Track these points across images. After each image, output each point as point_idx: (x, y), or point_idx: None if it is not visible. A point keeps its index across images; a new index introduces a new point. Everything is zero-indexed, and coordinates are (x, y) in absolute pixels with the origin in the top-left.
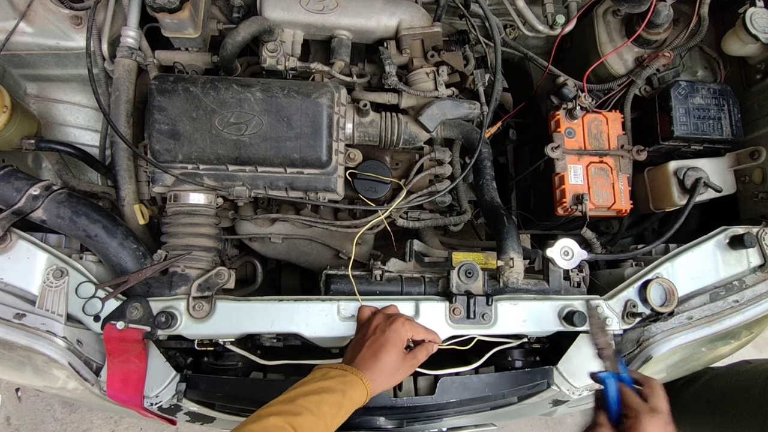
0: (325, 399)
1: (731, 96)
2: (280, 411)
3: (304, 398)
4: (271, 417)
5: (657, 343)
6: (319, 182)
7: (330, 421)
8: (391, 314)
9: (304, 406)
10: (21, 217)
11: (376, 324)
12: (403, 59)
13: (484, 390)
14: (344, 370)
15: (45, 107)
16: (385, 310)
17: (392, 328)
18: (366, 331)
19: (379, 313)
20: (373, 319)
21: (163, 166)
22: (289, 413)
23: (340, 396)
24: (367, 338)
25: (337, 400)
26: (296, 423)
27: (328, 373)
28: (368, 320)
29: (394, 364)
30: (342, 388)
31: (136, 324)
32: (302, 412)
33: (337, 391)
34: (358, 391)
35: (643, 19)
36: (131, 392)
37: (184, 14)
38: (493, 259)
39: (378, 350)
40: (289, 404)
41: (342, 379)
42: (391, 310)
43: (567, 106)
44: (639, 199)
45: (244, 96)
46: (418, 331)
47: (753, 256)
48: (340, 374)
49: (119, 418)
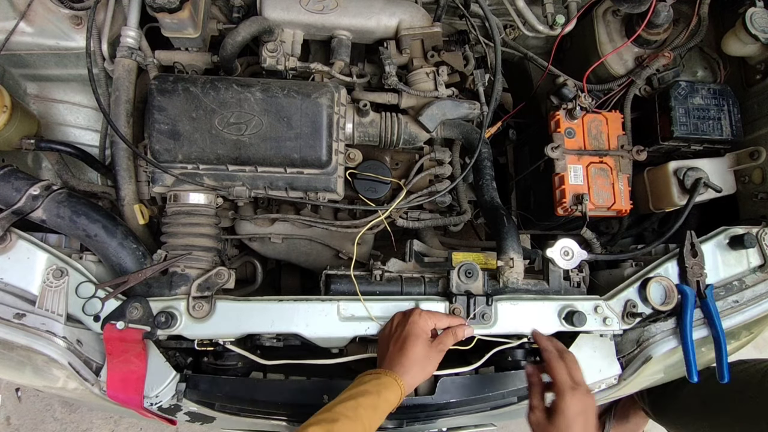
0: (361, 403)
1: (731, 96)
2: (318, 421)
3: (341, 405)
4: (310, 427)
5: (657, 343)
6: (319, 182)
7: (368, 423)
8: (407, 310)
9: (341, 412)
10: (21, 216)
11: (396, 322)
12: (403, 59)
13: (484, 390)
14: (378, 373)
15: (45, 107)
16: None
17: (410, 320)
18: (388, 332)
19: (396, 314)
20: (392, 320)
21: (163, 166)
22: (327, 421)
23: (375, 398)
24: (390, 337)
25: (373, 402)
26: (334, 429)
27: (363, 378)
28: (388, 323)
29: (422, 355)
30: (377, 390)
31: (136, 324)
32: (339, 419)
33: (372, 394)
34: (392, 391)
35: (643, 19)
36: (131, 392)
37: (184, 14)
38: (493, 259)
39: (403, 345)
40: (326, 413)
41: (376, 382)
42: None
43: (567, 106)
44: (639, 199)
45: (244, 96)
46: (439, 319)
47: (753, 256)
48: (374, 377)
49: (119, 418)
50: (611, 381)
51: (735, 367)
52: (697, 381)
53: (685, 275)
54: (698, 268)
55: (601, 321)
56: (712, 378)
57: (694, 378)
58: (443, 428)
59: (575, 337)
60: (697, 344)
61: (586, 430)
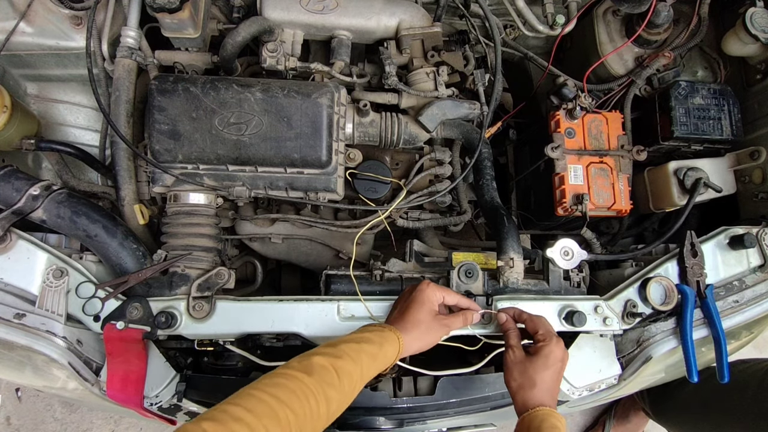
0: (364, 348)
1: (731, 96)
2: (323, 352)
3: (345, 344)
4: (316, 356)
5: (657, 343)
6: (319, 182)
7: (365, 369)
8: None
9: (345, 351)
10: (21, 217)
11: (406, 290)
12: (403, 59)
13: (484, 390)
14: (381, 327)
15: (45, 107)
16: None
17: (418, 288)
18: (398, 299)
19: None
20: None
21: (163, 166)
22: (332, 355)
23: (377, 348)
24: (398, 302)
25: (374, 352)
26: (337, 365)
27: (367, 328)
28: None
29: (424, 322)
30: (379, 341)
31: (136, 324)
32: (342, 356)
33: (374, 343)
34: (392, 346)
35: (643, 19)
36: (131, 392)
37: (184, 14)
38: (493, 259)
39: (406, 308)
40: (331, 348)
41: (379, 333)
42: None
43: (567, 106)
44: (639, 199)
45: (244, 96)
46: (449, 294)
47: (753, 256)
48: (378, 329)
49: (119, 418)
50: (611, 381)
51: (735, 367)
52: (697, 381)
53: (685, 275)
54: (698, 268)
55: (601, 321)
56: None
57: (694, 378)
58: (443, 428)
59: (575, 337)
60: (697, 344)
61: (558, 376)
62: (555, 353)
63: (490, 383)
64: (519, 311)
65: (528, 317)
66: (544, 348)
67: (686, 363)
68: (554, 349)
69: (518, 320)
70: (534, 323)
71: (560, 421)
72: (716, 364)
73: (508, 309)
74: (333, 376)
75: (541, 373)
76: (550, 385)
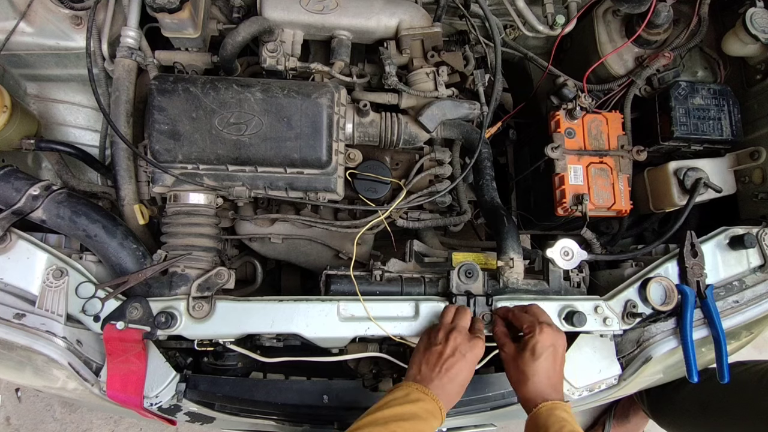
0: (416, 427)
1: (731, 96)
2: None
3: (396, 424)
4: None
5: (657, 343)
6: (319, 182)
7: None
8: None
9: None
10: (21, 217)
11: (455, 345)
12: (403, 59)
13: (484, 390)
14: (425, 394)
15: (45, 107)
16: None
17: (474, 354)
18: (443, 350)
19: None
20: (450, 338)
21: (163, 166)
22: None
23: (425, 425)
24: (445, 359)
25: (422, 429)
26: None
27: (409, 395)
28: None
29: (466, 384)
30: (426, 417)
31: (135, 324)
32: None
33: (423, 419)
34: (437, 419)
35: (643, 19)
36: (131, 392)
37: (184, 14)
38: (493, 260)
39: (456, 376)
40: (382, 428)
41: (425, 406)
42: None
43: (567, 107)
44: (639, 200)
45: (244, 96)
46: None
47: (753, 256)
48: (421, 398)
49: (119, 418)
50: (611, 381)
51: (734, 368)
52: (698, 381)
53: (685, 275)
54: (698, 269)
55: (601, 321)
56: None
57: (694, 378)
58: (443, 428)
59: (575, 337)
60: (697, 344)
61: (555, 361)
62: (541, 342)
63: (490, 383)
64: (505, 310)
65: (513, 314)
66: (529, 340)
67: (686, 363)
68: (539, 338)
69: (506, 318)
70: (519, 318)
71: (566, 410)
72: (716, 365)
73: (498, 310)
74: None
75: (531, 365)
76: (544, 375)
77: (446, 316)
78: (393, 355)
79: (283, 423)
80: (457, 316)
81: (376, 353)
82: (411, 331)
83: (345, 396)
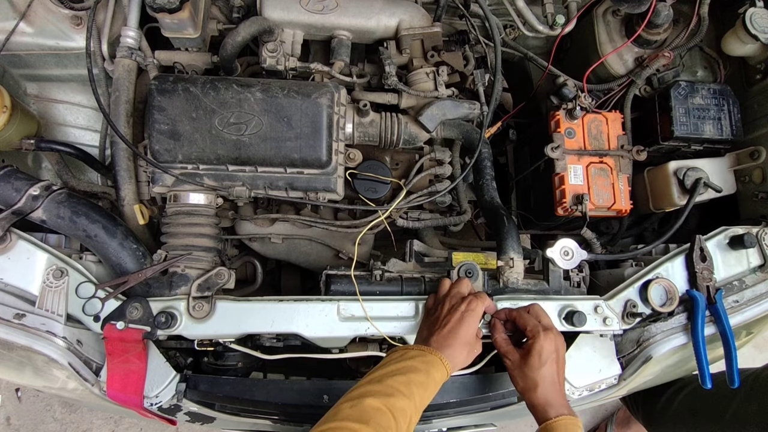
0: (413, 379)
1: (731, 96)
2: (372, 392)
3: (392, 378)
4: (367, 399)
5: (657, 343)
6: (319, 182)
7: (419, 401)
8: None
9: (395, 387)
10: (21, 217)
11: (451, 305)
12: (403, 59)
13: (484, 390)
14: (422, 350)
15: (45, 107)
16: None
17: (469, 307)
18: (441, 312)
19: (451, 295)
20: (446, 300)
21: (163, 166)
22: (383, 394)
23: (425, 376)
24: (443, 318)
25: (423, 380)
26: (390, 404)
27: (407, 353)
28: (440, 301)
29: (470, 343)
30: (425, 368)
31: (135, 324)
32: (394, 393)
33: (421, 371)
34: (439, 371)
35: (643, 19)
36: (131, 392)
37: (184, 14)
38: (493, 259)
39: (455, 328)
40: (378, 385)
41: (423, 359)
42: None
43: (567, 106)
44: (639, 199)
45: (244, 96)
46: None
47: (753, 256)
48: (419, 354)
49: (119, 418)
50: (611, 381)
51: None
52: (711, 387)
53: (695, 280)
54: (708, 273)
55: (601, 321)
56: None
57: (707, 384)
58: (443, 428)
59: (575, 337)
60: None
61: (558, 365)
62: (546, 347)
63: (489, 383)
64: (507, 311)
65: (516, 314)
66: (534, 345)
67: (699, 369)
68: (543, 344)
69: (508, 319)
70: (523, 320)
71: (579, 427)
72: (726, 369)
73: (499, 312)
74: (389, 419)
75: (538, 371)
76: (550, 380)
77: (441, 288)
78: None
79: (284, 423)
80: (454, 285)
81: (376, 353)
82: (411, 331)
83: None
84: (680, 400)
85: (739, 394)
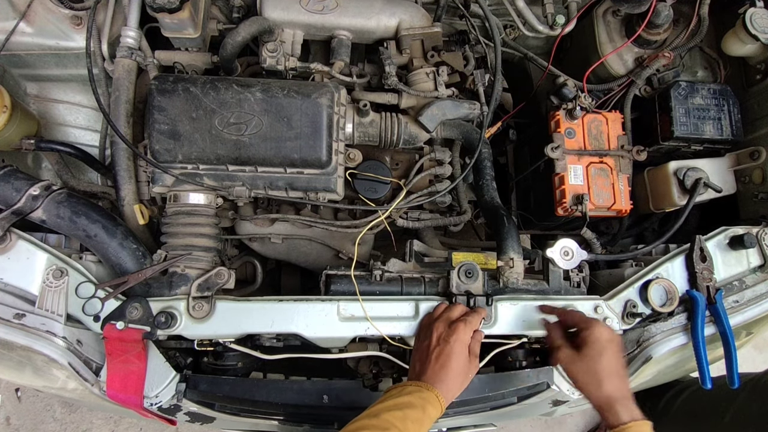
0: (409, 415)
1: (731, 96)
2: (369, 426)
3: (389, 413)
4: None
5: (657, 343)
6: (319, 182)
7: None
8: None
9: (390, 421)
10: (21, 217)
11: (438, 334)
12: (403, 59)
13: (484, 390)
14: (419, 385)
15: (45, 107)
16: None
17: (456, 337)
18: (429, 342)
19: (439, 321)
20: (432, 329)
21: (163, 166)
22: (379, 428)
23: (421, 412)
24: (432, 350)
25: (419, 417)
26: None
27: (405, 389)
28: (429, 328)
29: (463, 371)
30: (421, 405)
31: (135, 324)
32: (390, 428)
33: (417, 407)
34: (435, 407)
35: (643, 19)
36: (131, 392)
37: (184, 14)
38: (493, 260)
39: (447, 362)
40: (375, 419)
41: (420, 395)
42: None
43: (567, 106)
44: (639, 200)
45: (244, 96)
46: (476, 326)
47: (753, 256)
48: (416, 390)
49: (119, 418)
50: None
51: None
52: (711, 387)
53: (695, 280)
54: (708, 273)
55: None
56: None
57: (707, 384)
58: (443, 428)
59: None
60: None
61: (618, 356)
62: (603, 335)
63: (490, 383)
64: (550, 307)
65: (561, 310)
66: (590, 335)
67: (699, 369)
68: (601, 331)
69: (552, 314)
70: (568, 314)
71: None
72: (726, 370)
73: (543, 307)
74: None
75: (599, 362)
76: (614, 371)
77: (436, 310)
78: (393, 354)
79: (284, 423)
80: (445, 310)
81: (376, 353)
82: (411, 331)
83: (345, 396)
84: (680, 402)
85: (738, 397)
